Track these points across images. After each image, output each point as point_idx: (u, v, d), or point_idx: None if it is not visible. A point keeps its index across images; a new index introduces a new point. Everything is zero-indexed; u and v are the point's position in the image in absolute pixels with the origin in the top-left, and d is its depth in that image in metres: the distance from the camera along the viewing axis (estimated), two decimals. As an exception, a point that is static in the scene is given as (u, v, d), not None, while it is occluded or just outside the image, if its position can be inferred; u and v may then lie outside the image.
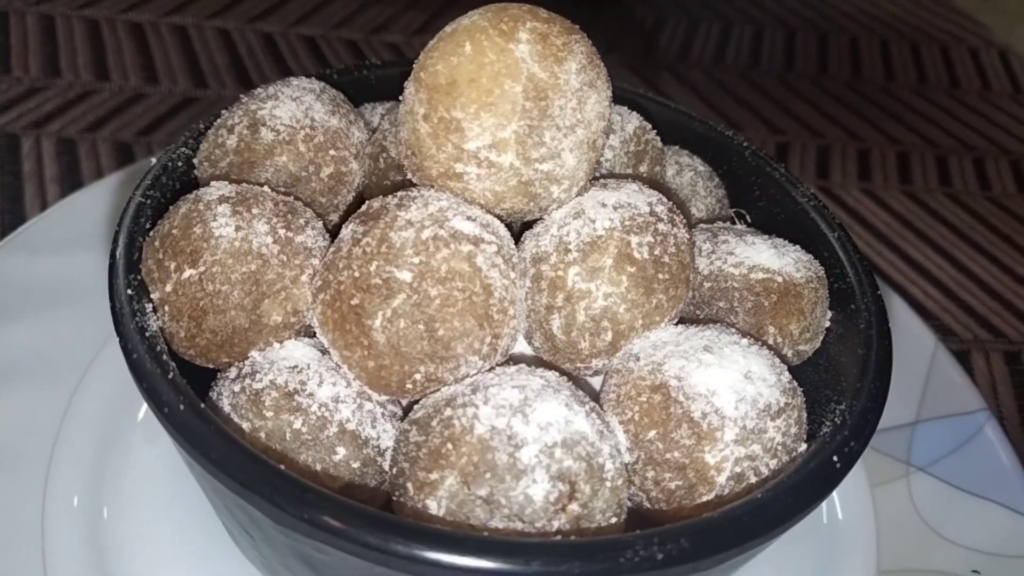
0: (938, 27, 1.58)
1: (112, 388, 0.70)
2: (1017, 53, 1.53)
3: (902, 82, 1.42)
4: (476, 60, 0.47)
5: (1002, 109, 1.38)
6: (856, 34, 1.52)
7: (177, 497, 0.63)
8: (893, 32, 1.54)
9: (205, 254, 0.47)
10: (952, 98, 1.39)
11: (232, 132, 0.56)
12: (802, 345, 0.56)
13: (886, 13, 1.60)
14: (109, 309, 0.47)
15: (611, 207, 0.50)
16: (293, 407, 0.46)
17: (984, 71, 1.48)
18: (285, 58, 1.22)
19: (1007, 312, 0.99)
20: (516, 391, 0.44)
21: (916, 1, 1.65)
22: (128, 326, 0.45)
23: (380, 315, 0.45)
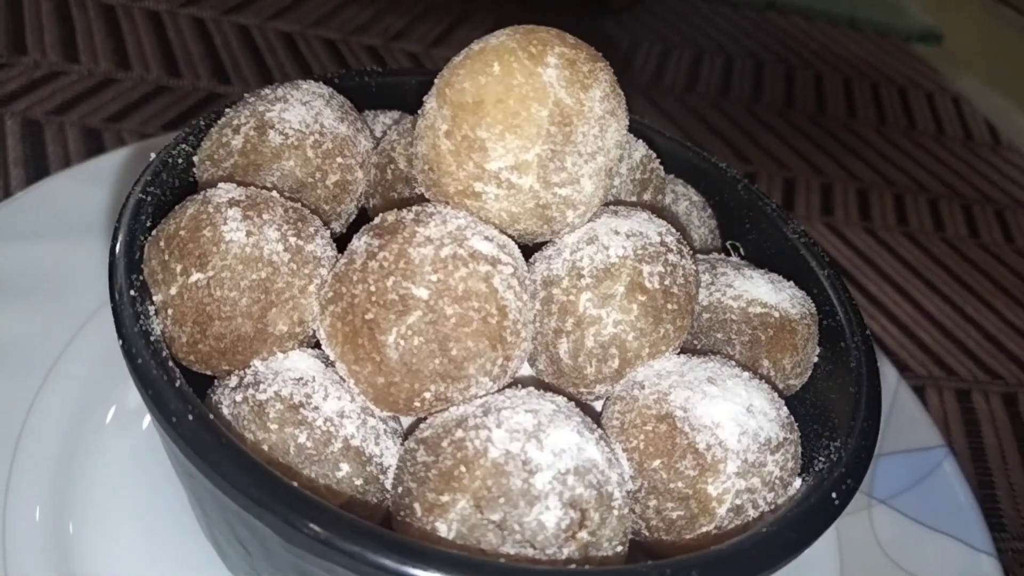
0: (897, 70, 1.64)
1: (79, 389, 0.67)
2: (967, 99, 1.60)
3: (863, 120, 1.47)
4: (504, 81, 0.47)
5: (955, 154, 1.44)
6: (820, 71, 1.56)
7: (150, 510, 0.60)
8: (855, 71, 1.59)
9: (214, 258, 0.46)
10: (909, 139, 1.45)
11: (238, 132, 0.55)
12: (793, 379, 0.57)
13: (849, 53, 1.66)
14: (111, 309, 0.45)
15: (624, 235, 0.51)
16: (298, 420, 0.45)
17: (939, 115, 1.54)
18: (262, 53, 1.20)
19: (959, 351, 1.03)
20: (529, 415, 0.44)
21: (877, 44, 1.71)
22: (132, 329, 0.44)
23: (394, 331, 0.45)
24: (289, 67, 1.18)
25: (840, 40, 1.69)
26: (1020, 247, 1.25)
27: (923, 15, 1.84)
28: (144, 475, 0.62)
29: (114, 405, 0.67)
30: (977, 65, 1.73)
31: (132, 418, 0.67)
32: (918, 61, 1.70)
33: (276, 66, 1.18)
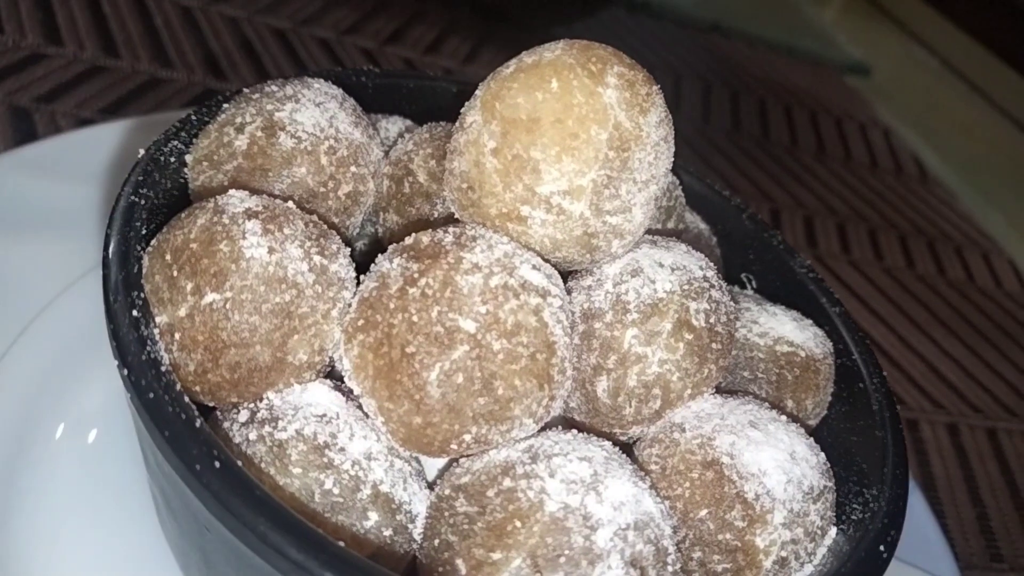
0: (833, 100, 1.68)
1: (23, 403, 0.59)
2: (895, 132, 1.66)
3: (803, 147, 1.50)
4: (563, 100, 0.43)
5: (888, 185, 1.49)
6: (763, 96, 1.59)
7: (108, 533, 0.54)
8: (795, 99, 1.63)
9: (233, 277, 0.41)
10: (847, 169, 1.49)
11: (242, 132, 0.49)
12: (812, 420, 0.56)
13: (789, 80, 1.69)
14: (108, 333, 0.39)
15: (668, 268, 0.48)
16: (324, 464, 0.40)
17: (871, 147, 1.59)
18: (206, 37, 1.11)
19: (906, 382, 1.06)
20: (584, 464, 0.41)
21: (813, 73, 1.76)
22: (139, 358, 0.38)
23: (438, 367, 0.41)
24: (232, 47, 1.10)
25: (780, 67, 1.73)
26: (951, 279, 1.30)
27: (852, 48, 1.90)
28: (97, 494, 0.56)
29: (62, 423, 0.60)
30: (902, 99, 1.80)
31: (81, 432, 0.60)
32: (850, 92, 1.75)
33: (221, 51, 1.10)
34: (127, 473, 0.57)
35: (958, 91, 1.94)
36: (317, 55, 1.18)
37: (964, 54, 2.00)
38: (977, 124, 1.87)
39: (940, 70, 1.97)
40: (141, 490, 0.55)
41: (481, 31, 1.38)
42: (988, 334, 1.21)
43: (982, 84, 1.93)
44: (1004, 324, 1.24)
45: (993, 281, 1.33)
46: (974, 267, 1.35)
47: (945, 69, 2.00)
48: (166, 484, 0.39)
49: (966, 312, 1.24)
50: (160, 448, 0.36)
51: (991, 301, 1.28)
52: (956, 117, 1.87)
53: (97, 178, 0.71)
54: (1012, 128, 1.84)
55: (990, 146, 1.81)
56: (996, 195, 1.60)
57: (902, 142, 1.64)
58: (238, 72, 1.08)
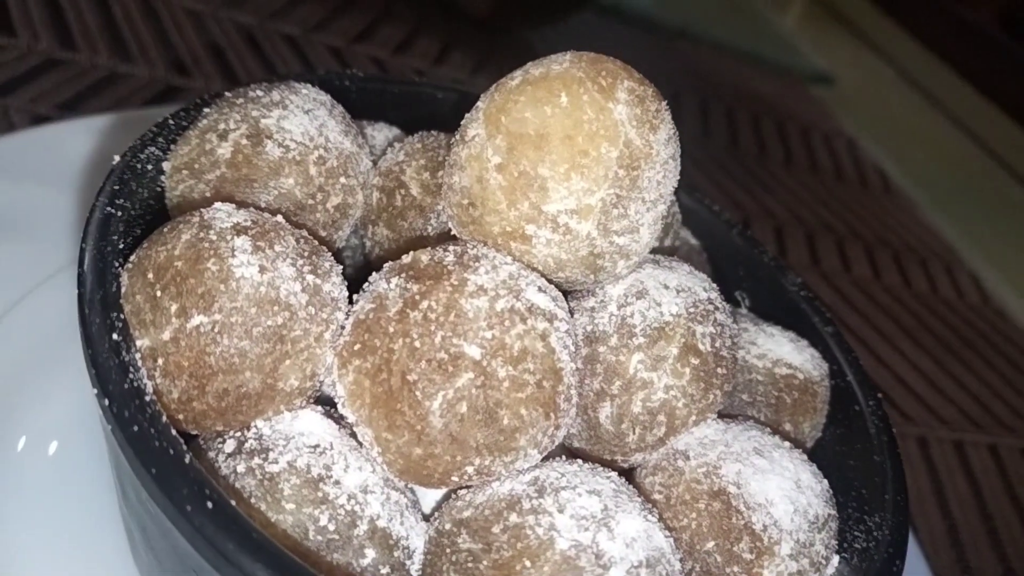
0: (798, 110, 1.70)
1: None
2: (859, 143, 1.68)
3: (772, 157, 1.50)
4: (574, 115, 0.41)
5: (853, 196, 1.50)
6: (731, 105, 1.59)
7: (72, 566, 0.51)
8: (762, 108, 1.64)
9: (222, 299, 0.38)
10: (814, 178, 1.50)
11: (226, 139, 0.46)
12: (807, 443, 0.55)
13: (756, 89, 1.70)
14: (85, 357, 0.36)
15: (674, 290, 0.46)
16: (319, 498, 0.38)
17: (836, 157, 1.60)
18: (168, 32, 1.07)
19: (877, 393, 1.06)
20: (594, 498, 0.39)
21: (780, 82, 1.77)
22: (121, 387, 0.35)
23: (440, 396, 0.38)
24: (195, 41, 1.06)
25: (747, 75, 1.74)
26: (916, 291, 1.32)
27: (816, 57, 1.92)
28: (59, 509, 0.52)
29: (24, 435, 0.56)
30: (864, 110, 1.83)
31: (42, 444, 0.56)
32: (815, 102, 1.77)
33: (184, 47, 1.06)
34: (89, 489, 0.54)
35: (917, 104, 1.97)
36: (284, 52, 1.14)
37: (923, 67, 2.04)
38: (936, 137, 1.90)
39: (898, 81, 2.01)
40: (105, 508, 0.52)
41: (450, 32, 1.35)
42: (952, 346, 1.22)
43: (940, 97, 1.97)
44: (967, 336, 1.25)
45: (956, 293, 1.35)
46: (938, 279, 1.37)
47: (904, 81, 2.03)
48: (149, 522, 0.36)
49: (931, 324, 1.25)
50: (146, 486, 0.33)
51: (954, 313, 1.30)
52: (916, 129, 1.90)
53: (58, 180, 0.67)
54: (969, 143, 1.88)
55: (949, 159, 1.84)
56: (956, 208, 1.62)
57: (866, 153, 1.66)
58: (202, 69, 1.03)
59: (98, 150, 0.69)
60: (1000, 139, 1.88)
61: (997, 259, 1.49)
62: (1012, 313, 1.37)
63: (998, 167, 1.84)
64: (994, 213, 1.73)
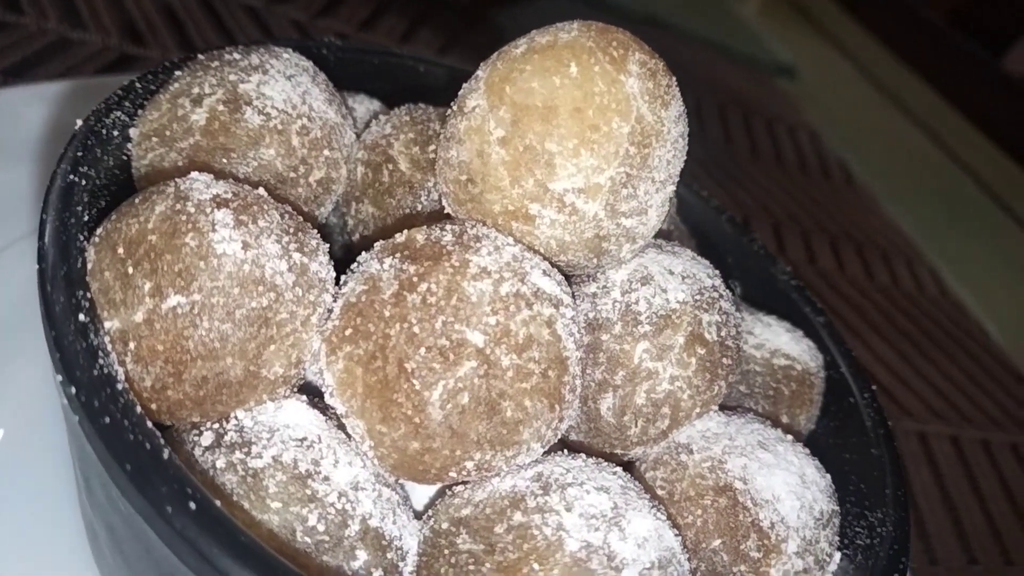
0: (763, 101, 1.69)
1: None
2: (822, 136, 1.68)
3: (739, 147, 1.50)
4: (584, 87, 0.38)
5: (818, 188, 1.51)
6: (699, 95, 1.58)
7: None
8: (729, 98, 1.63)
9: (202, 277, 0.34)
10: (779, 170, 1.50)
11: (200, 104, 0.42)
12: (802, 435, 0.54)
13: (723, 80, 1.69)
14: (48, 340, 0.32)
15: (679, 276, 0.44)
16: (307, 496, 0.35)
17: (800, 149, 1.60)
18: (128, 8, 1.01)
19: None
20: (603, 496, 0.37)
21: (746, 73, 1.76)
22: (89, 374, 0.31)
23: (441, 385, 0.36)
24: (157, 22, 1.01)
25: (713, 65, 1.73)
26: (879, 284, 1.33)
27: (779, 50, 1.92)
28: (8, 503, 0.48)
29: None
30: (826, 103, 1.84)
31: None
32: (779, 95, 1.77)
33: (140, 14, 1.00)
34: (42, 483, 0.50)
35: (875, 98, 1.99)
36: (244, 23, 1.09)
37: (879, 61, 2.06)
38: (893, 132, 1.92)
39: (857, 76, 2.02)
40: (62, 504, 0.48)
41: (417, 10, 1.31)
42: (915, 339, 1.23)
43: (896, 92, 1.99)
44: (929, 329, 1.27)
45: (916, 286, 1.36)
46: (899, 272, 1.38)
47: (862, 75, 2.05)
48: (119, 522, 0.33)
49: (893, 316, 1.26)
50: (119, 484, 0.30)
51: (916, 306, 1.31)
52: (874, 124, 1.92)
53: (7, 149, 0.62)
54: (924, 138, 1.90)
55: (906, 154, 1.87)
56: (913, 202, 1.64)
57: (828, 146, 1.67)
58: (158, 38, 0.98)
59: (51, 119, 0.64)
60: (952, 134, 1.91)
61: (954, 253, 1.51)
62: (970, 307, 1.39)
63: (952, 163, 1.87)
64: (949, 208, 1.75)
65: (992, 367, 1.24)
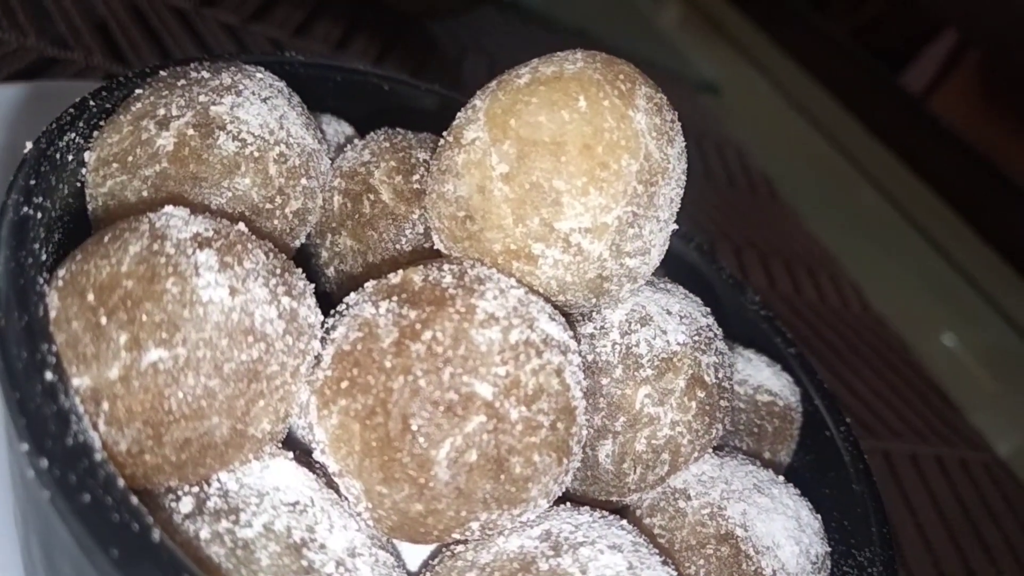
0: (692, 118, 1.72)
1: None
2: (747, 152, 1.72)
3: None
4: (594, 122, 0.37)
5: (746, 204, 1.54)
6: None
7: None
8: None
9: (186, 327, 0.31)
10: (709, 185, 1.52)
11: (167, 127, 0.38)
12: (782, 470, 0.53)
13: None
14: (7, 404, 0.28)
15: (677, 316, 0.43)
16: (303, 568, 0.32)
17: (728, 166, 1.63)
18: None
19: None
20: (617, 555, 0.35)
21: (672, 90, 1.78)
22: (62, 443, 0.27)
23: (448, 443, 0.33)
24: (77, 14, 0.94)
25: (643, 80, 1.74)
26: (807, 300, 1.36)
27: (704, 67, 1.96)
28: None
29: None
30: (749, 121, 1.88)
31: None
32: (706, 110, 1.80)
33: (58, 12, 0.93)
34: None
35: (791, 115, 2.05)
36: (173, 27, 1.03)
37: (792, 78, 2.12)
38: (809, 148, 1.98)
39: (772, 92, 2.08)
40: None
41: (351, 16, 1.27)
42: (843, 354, 1.26)
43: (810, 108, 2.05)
44: (855, 344, 1.30)
45: (841, 302, 1.40)
46: (824, 288, 1.41)
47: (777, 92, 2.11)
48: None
49: (822, 332, 1.29)
50: (102, 572, 0.26)
51: (842, 321, 1.35)
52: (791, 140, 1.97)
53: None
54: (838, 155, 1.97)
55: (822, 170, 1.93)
56: (832, 219, 1.69)
57: (753, 161, 1.71)
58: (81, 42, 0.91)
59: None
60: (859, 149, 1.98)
61: (871, 268, 1.57)
62: (890, 321, 1.43)
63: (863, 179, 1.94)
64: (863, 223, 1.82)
65: (915, 381, 1.28)
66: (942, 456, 1.16)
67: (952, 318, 1.60)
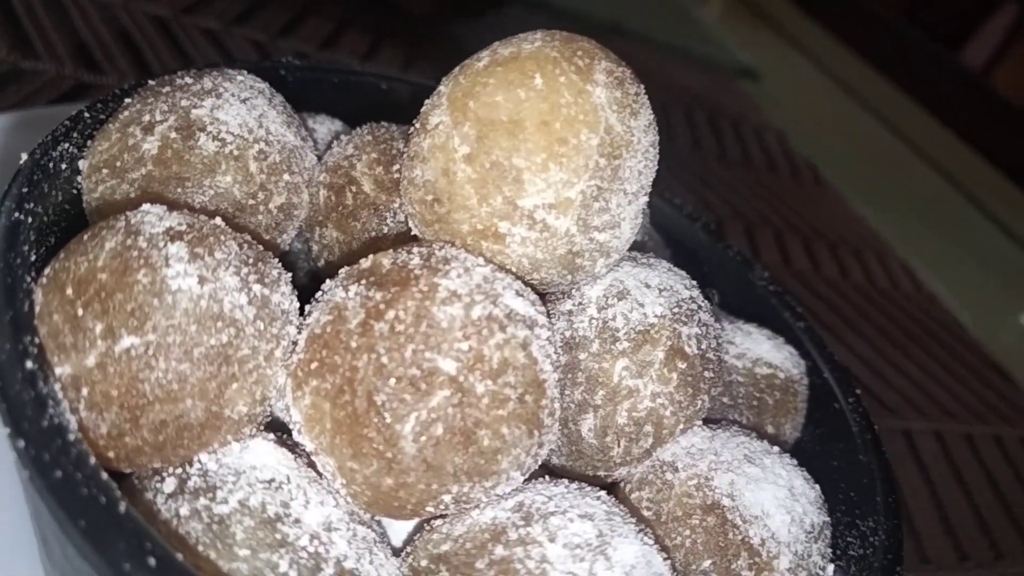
0: (729, 104, 1.70)
1: None
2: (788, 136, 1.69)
3: (706, 150, 1.50)
4: (550, 99, 0.37)
5: (787, 189, 1.51)
6: (665, 100, 1.58)
7: None
8: (695, 102, 1.63)
9: (156, 315, 0.33)
10: (748, 172, 1.50)
11: (151, 132, 0.40)
12: (788, 444, 0.53)
13: (687, 85, 1.70)
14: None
15: (656, 289, 0.43)
16: (277, 541, 0.33)
17: (768, 150, 1.61)
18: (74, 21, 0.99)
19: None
20: (587, 523, 0.35)
21: (710, 77, 1.77)
22: (39, 425, 0.29)
23: (413, 417, 0.34)
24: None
25: (678, 70, 1.73)
26: (854, 282, 1.33)
27: (742, 53, 1.93)
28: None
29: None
30: (789, 104, 1.84)
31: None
32: (744, 97, 1.77)
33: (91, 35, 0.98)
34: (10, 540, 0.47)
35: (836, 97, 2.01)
36: (203, 47, 1.07)
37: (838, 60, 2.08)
38: (856, 129, 1.94)
39: (818, 75, 2.04)
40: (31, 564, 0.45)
41: (377, 26, 1.30)
42: (892, 335, 1.23)
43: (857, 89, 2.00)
44: (905, 325, 1.27)
45: (890, 283, 1.37)
46: (872, 269, 1.38)
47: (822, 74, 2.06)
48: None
49: (870, 314, 1.26)
50: (74, 542, 0.28)
51: (891, 303, 1.31)
52: (837, 122, 1.93)
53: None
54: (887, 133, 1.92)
55: (870, 151, 1.88)
56: (881, 199, 1.65)
57: (795, 146, 1.67)
58: (115, 65, 0.96)
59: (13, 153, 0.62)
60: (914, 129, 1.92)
61: (924, 248, 1.52)
62: (943, 300, 1.39)
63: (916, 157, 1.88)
64: (916, 202, 1.76)
65: (969, 360, 1.24)
66: (1001, 436, 1.12)
67: (1014, 297, 1.54)
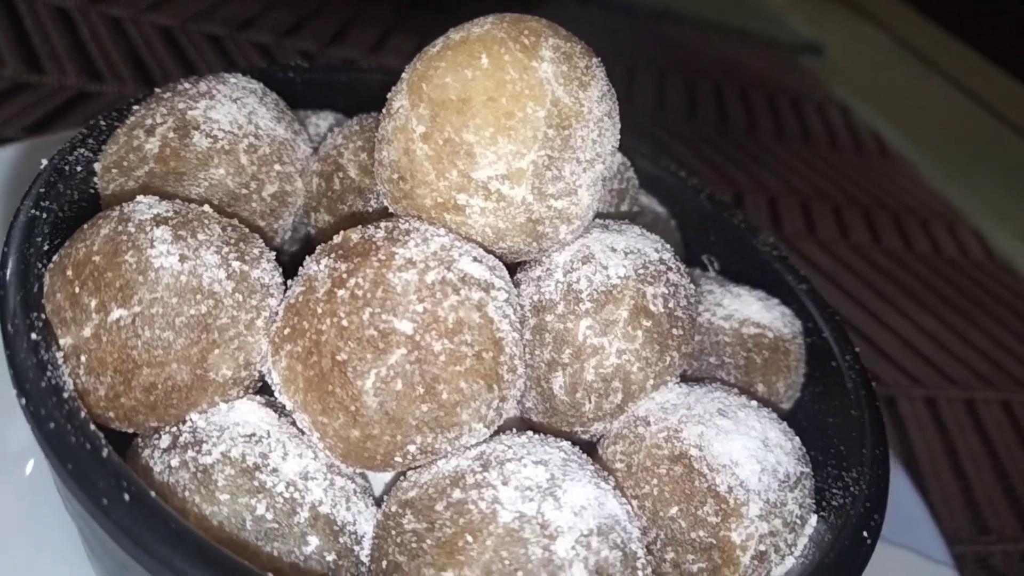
0: (787, 81, 1.67)
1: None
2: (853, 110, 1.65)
3: (762, 130, 1.48)
4: (495, 76, 0.40)
5: (849, 163, 1.48)
6: (718, 80, 1.57)
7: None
8: (750, 82, 1.61)
9: (141, 290, 0.37)
10: (806, 149, 1.47)
11: (153, 134, 0.45)
12: (784, 403, 0.53)
13: (742, 63, 1.68)
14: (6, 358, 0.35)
15: (621, 252, 0.45)
16: (255, 488, 0.37)
17: (830, 126, 1.57)
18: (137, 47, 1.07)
19: (881, 358, 1.04)
20: (540, 468, 0.38)
21: (766, 55, 1.74)
22: (38, 385, 0.34)
23: (373, 374, 0.37)
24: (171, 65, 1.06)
25: (733, 51, 1.71)
26: (918, 252, 1.29)
27: (804, 28, 1.89)
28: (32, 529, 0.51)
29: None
30: (856, 77, 1.79)
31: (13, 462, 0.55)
32: (804, 72, 1.74)
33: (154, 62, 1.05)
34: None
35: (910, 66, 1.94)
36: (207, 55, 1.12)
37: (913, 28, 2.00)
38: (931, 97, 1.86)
39: (891, 46, 1.97)
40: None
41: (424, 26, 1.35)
42: (958, 305, 1.19)
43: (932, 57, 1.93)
44: (973, 294, 1.23)
45: (959, 251, 1.32)
46: (940, 239, 1.34)
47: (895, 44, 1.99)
48: (82, 522, 0.35)
49: (935, 284, 1.22)
50: (65, 483, 0.32)
51: (958, 271, 1.27)
52: (910, 92, 1.86)
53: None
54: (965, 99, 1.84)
55: (946, 118, 1.81)
56: (955, 166, 1.59)
57: (860, 119, 1.63)
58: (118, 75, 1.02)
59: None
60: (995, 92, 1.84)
61: (1001, 214, 1.46)
62: (1018, 268, 1.33)
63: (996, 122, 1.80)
64: (995, 168, 1.69)
65: (1047, 329, 1.19)
66: (1077, 404, 1.07)
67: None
